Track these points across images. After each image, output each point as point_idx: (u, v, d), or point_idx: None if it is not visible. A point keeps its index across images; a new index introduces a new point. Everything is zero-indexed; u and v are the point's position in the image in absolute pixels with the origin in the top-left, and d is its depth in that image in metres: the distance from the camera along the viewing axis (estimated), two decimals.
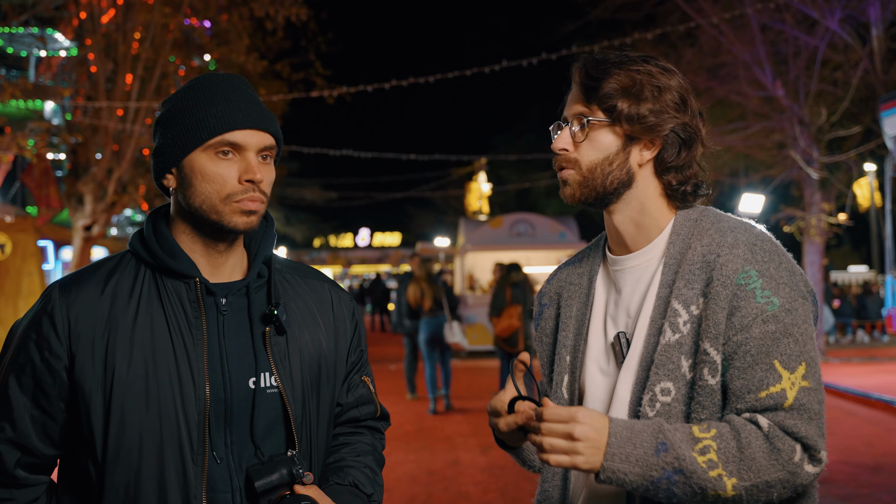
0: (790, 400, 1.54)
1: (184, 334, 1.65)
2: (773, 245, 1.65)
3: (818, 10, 17.17)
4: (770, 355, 1.56)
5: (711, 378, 1.59)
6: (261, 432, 1.69)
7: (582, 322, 1.81)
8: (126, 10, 14.99)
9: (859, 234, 33.63)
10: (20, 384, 1.66)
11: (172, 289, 1.68)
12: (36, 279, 16.50)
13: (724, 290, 1.59)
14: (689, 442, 1.53)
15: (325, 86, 16.88)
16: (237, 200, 1.65)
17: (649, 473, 1.51)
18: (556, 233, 19.92)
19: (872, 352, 18.80)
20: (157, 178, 1.72)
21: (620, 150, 1.69)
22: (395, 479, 7.21)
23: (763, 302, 1.57)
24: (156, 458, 1.60)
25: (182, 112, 1.66)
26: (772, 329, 1.56)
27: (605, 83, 1.67)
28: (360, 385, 1.92)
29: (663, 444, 1.52)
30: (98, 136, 15.42)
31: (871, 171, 20.86)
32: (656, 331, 1.65)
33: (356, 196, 45.54)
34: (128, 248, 1.76)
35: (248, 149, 1.66)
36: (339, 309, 1.89)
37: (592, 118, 1.69)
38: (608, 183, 1.70)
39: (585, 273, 1.86)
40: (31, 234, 16.54)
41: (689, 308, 1.62)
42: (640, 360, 1.66)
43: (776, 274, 1.60)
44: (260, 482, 1.61)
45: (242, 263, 1.79)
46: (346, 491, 1.77)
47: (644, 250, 1.74)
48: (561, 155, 1.72)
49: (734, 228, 1.66)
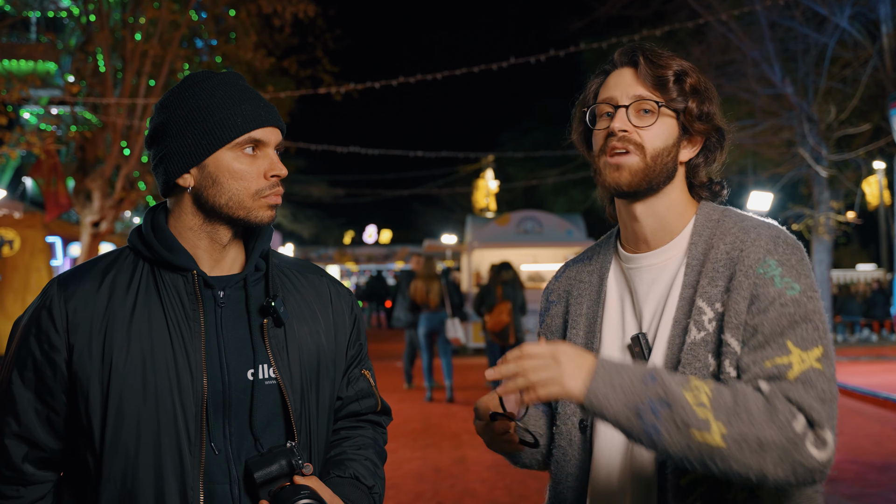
0: (796, 373, 1.46)
1: (181, 326, 1.67)
2: (795, 242, 1.63)
3: (828, 6, 17.09)
4: (784, 335, 1.51)
5: (732, 370, 1.55)
6: (260, 424, 1.70)
7: (594, 321, 1.78)
8: (135, 6, 15.02)
9: (867, 232, 33.50)
10: (23, 379, 1.69)
11: (170, 282, 1.70)
12: (44, 275, 16.56)
13: (746, 280, 1.57)
14: (682, 383, 1.48)
15: (333, 82, 16.87)
16: (265, 196, 1.70)
17: (633, 402, 1.45)
18: (563, 230, 19.89)
19: (881, 350, 18.73)
20: (171, 178, 1.72)
21: (676, 143, 1.68)
22: (402, 477, 7.22)
23: (782, 286, 1.54)
24: (153, 448, 1.62)
25: (202, 112, 1.68)
26: (790, 311, 1.52)
27: (680, 75, 1.67)
28: (360, 379, 1.93)
29: (652, 377, 1.48)
30: (106, 132, 15.46)
31: (881, 168, 20.79)
32: (681, 331, 1.62)
33: (363, 193, 45.64)
34: (127, 244, 1.79)
35: (269, 145, 1.72)
36: (337, 303, 1.90)
37: (664, 104, 1.66)
38: (663, 172, 1.67)
39: (596, 270, 1.83)
40: (40, 230, 16.60)
41: (713, 305, 1.60)
42: (665, 360, 1.63)
43: (797, 265, 1.58)
44: (259, 473, 1.61)
45: (241, 257, 1.81)
46: (346, 483, 1.78)
47: (663, 249, 1.72)
48: (623, 136, 1.64)
49: (757, 226, 1.65)
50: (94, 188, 15.53)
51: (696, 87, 1.67)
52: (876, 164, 20.67)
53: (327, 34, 17.86)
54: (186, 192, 1.73)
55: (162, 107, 1.74)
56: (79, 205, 15.84)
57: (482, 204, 38.80)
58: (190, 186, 1.71)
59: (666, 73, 1.67)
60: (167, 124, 1.71)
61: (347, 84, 14.52)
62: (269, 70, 18.81)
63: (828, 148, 18.84)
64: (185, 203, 1.74)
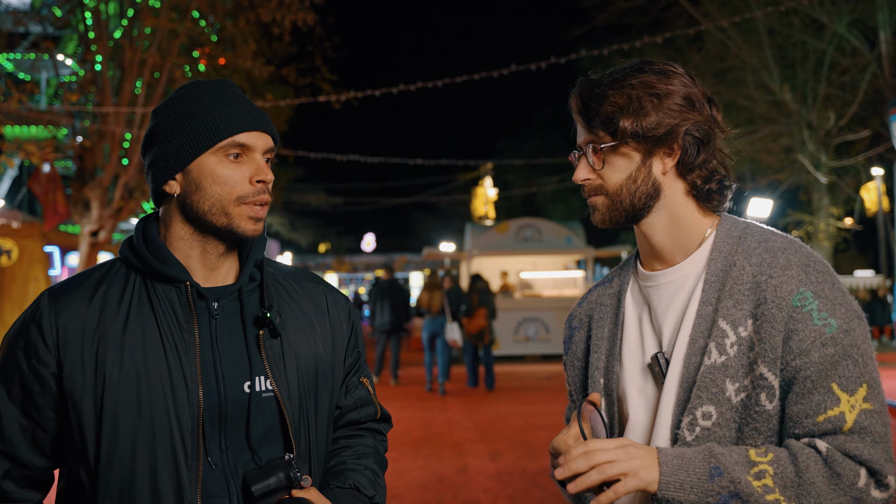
0: (849, 423, 1.49)
1: (175, 339, 1.63)
2: (824, 266, 1.60)
3: (826, 14, 17.12)
4: (828, 378, 1.51)
5: (769, 403, 1.54)
6: (257, 437, 1.67)
7: (614, 343, 1.75)
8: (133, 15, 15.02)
9: (866, 238, 33.52)
10: (9, 393, 1.65)
11: (163, 294, 1.66)
12: (42, 285, 16.51)
13: (780, 313, 1.53)
14: (745, 465, 1.48)
15: (332, 91, 16.87)
16: (247, 202, 1.66)
17: (705, 500, 1.47)
18: (562, 238, 19.88)
19: (881, 357, 18.71)
20: (158, 185, 1.70)
21: (641, 165, 1.65)
22: (404, 486, 7.17)
23: (821, 324, 1.52)
24: (149, 464, 1.58)
25: (186, 118, 1.66)
26: (830, 352, 1.51)
27: (601, 108, 1.63)
28: (358, 387, 1.91)
29: (717, 469, 1.48)
30: (105, 141, 15.44)
31: (879, 175, 20.79)
32: (698, 350, 1.59)
33: (362, 201, 45.65)
34: (118, 256, 1.75)
35: (256, 150, 1.67)
36: (334, 311, 1.87)
37: (602, 144, 1.65)
38: (636, 200, 1.66)
39: (615, 292, 1.81)
40: (38, 239, 16.57)
41: (736, 329, 1.57)
42: (681, 380, 1.61)
43: (831, 295, 1.55)
44: (256, 486, 1.59)
45: (235, 268, 1.77)
46: (346, 494, 1.75)
47: (681, 265, 1.68)
48: (585, 185, 1.70)
49: (784, 249, 1.61)
50: (92, 197, 15.51)
51: (625, 107, 1.61)
52: (875, 170, 20.66)
53: (326, 42, 17.87)
54: (174, 200, 1.70)
55: (153, 114, 1.73)
56: (77, 214, 15.81)
57: (481, 212, 38.80)
58: (176, 193, 1.68)
59: (594, 112, 1.65)
60: (156, 131, 1.69)
61: (346, 92, 14.51)
62: (268, 79, 18.82)
63: (827, 154, 18.85)
64: (174, 212, 1.71)
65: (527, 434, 9.59)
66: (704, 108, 1.65)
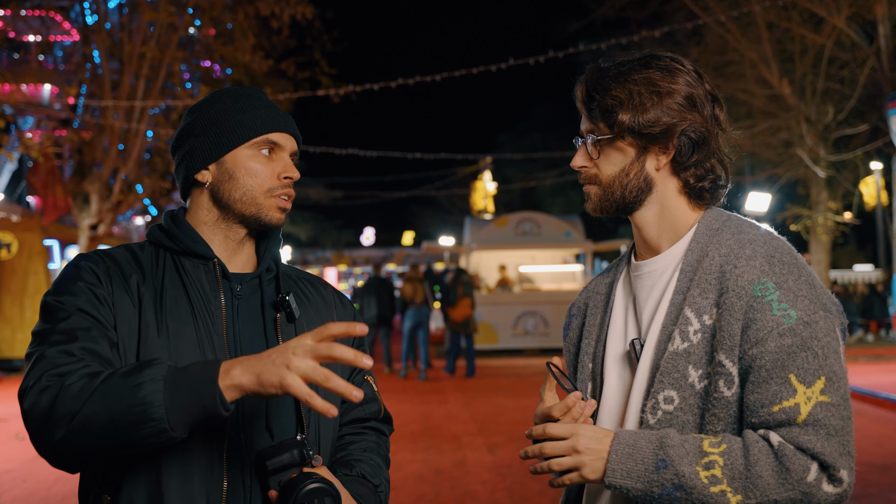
0: (804, 415, 1.49)
1: (203, 310, 1.73)
2: (792, 258, 1.61)
3: (825, 7, 17.12)
4: (785, 369, 1.52)
5: (727, 390, 1.56)
6: (272, 415, 1.75)
7: (602, 329, 1.81)
8: (131, 8, 15.01)
9: (864, 232, 33.56)
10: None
11: (191, 269, 1.76)
12: (42, 278, 16.54)
13: (739, 302, 1.56)
14: (694, 456, 1.51)
15: (331, 84, 16.88)
16: (276, 195, 1.79)
17: (650, 490, 1.52)
18: (561, 232, 19.90)
19: (879, 351, 18.74)
20: (191, 174, 1.81)
21: (635, 159, 1.69)
22: (402, 479, 7.21)
23: (779, 315, 1.54)
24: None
25: (225, 114, 1.80)
26: (788, 342, 1.52)
27: (602, 100, 1.67)
28: (363, 384, 1.98)
29: (663, 461, 1.52)
30: (104, 134, 15.44)
31: (878, 169, 20.81)
32: (666, 337, 1.64)
33: (361, 195, 45.60)
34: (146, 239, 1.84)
35: (285, 149, 1.82)
36: (341, 311, 1.99)
37: (600, 136, 1.69)
38: (627, 193, 1.70)
39: (610, 282, 1.86)
40: (37, 233, 16.58)
41: (701, 318, 1.60)
42: (650, 366, 1.65)
43: (794, 286, 1.56)
44: (271, 461, 1.65)
45: (253, 258, 1.88)
46: (353, 480, 1.83)
47: (662, 255, 1.72)
48: (582, 172, 1.75)
49: (753, 241, 1.63)
50: (91, 191, 15.52)
51: (626, 101, 1.64)
52: (873, 164, 20.68)
53: (325, 36, 17.87)
54: (204, 188, 1.81)
55: (189, 112, 1.85)
56: (77, 208, 15.83)
57: (480, 205, 38.76)
58: (208, 182, 1.80)
59: (595, 102, 1.68)
60: (192, 126, 1.81)
61: (346, 86, 14.52)
62: (267, 72, 18.81)
63: (825, 148, 18.87)
64: (203, 199, 1.82)
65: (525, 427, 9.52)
66: (706, 107, 1.67)
